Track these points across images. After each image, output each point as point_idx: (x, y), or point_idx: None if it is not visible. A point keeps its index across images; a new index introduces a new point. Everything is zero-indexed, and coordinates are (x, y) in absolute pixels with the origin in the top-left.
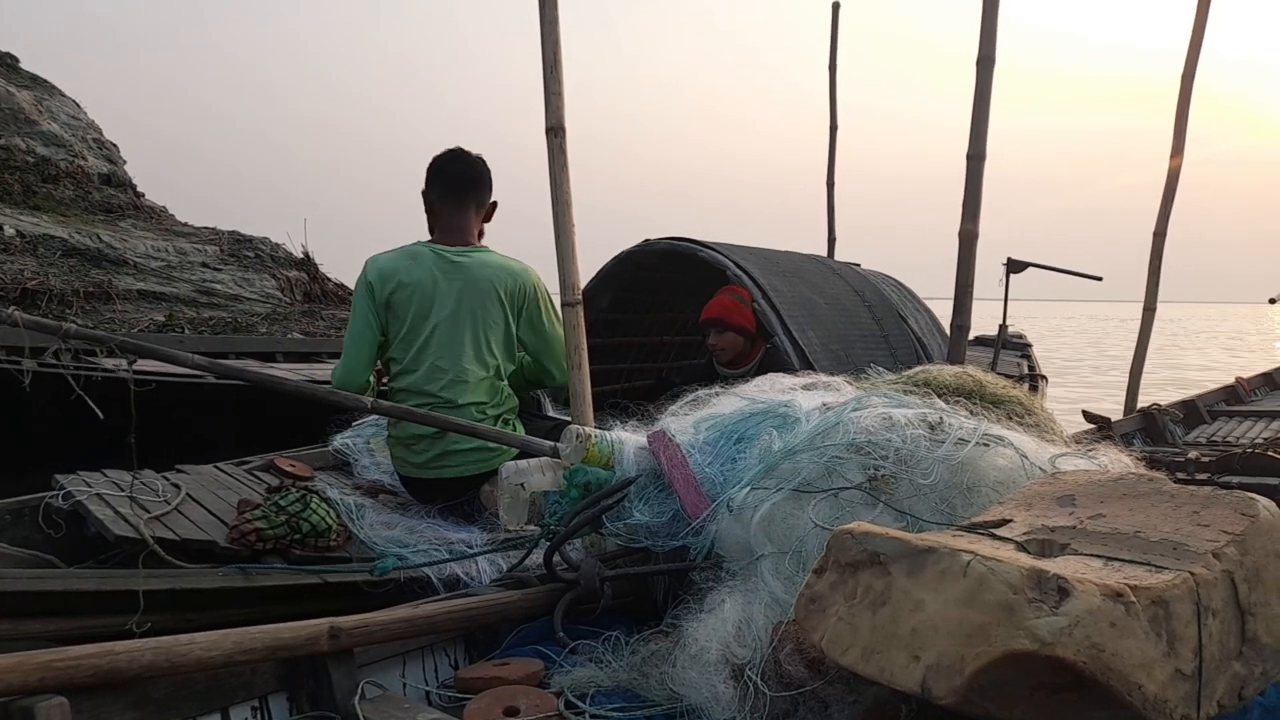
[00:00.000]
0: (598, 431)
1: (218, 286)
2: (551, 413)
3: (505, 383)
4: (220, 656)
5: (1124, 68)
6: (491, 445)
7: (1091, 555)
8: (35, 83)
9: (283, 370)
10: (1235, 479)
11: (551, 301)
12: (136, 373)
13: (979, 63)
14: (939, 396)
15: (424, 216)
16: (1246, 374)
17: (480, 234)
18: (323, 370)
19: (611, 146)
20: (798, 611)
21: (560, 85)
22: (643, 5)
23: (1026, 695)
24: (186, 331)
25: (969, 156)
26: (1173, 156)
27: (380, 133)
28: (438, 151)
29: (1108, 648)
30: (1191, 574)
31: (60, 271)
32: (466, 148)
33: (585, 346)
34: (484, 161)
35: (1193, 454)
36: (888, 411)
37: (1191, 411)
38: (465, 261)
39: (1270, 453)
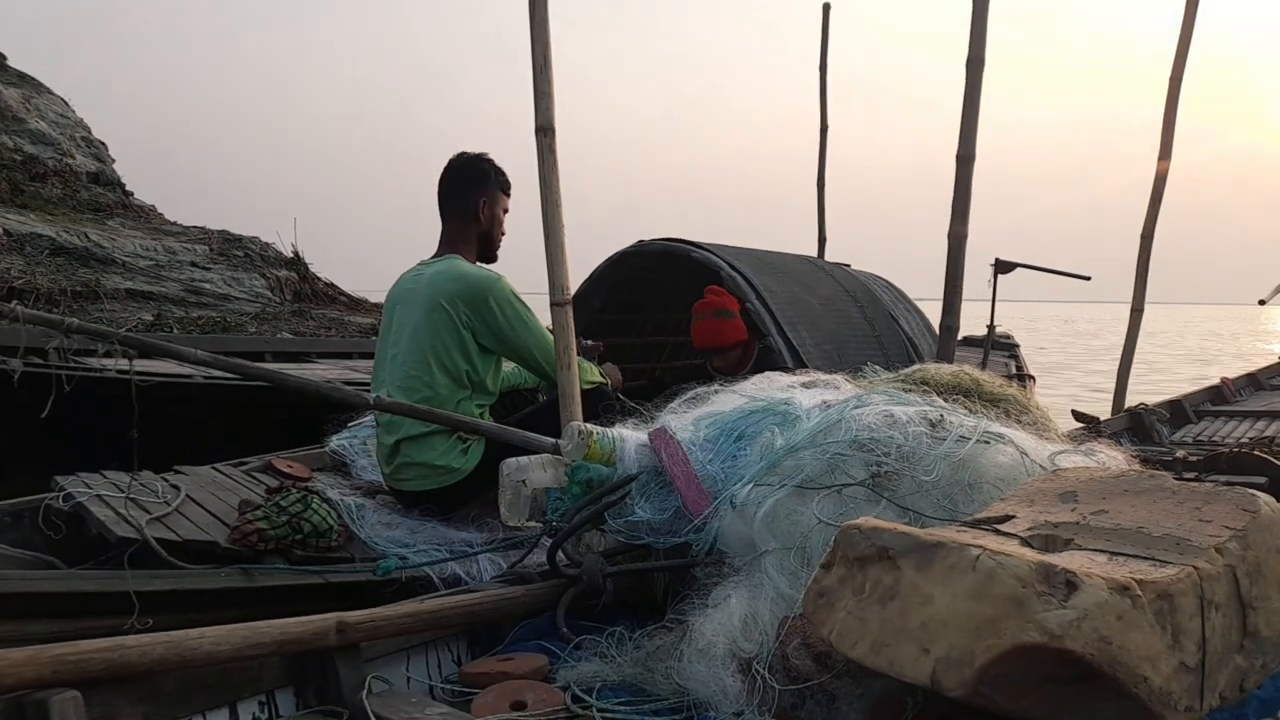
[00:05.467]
0: (599, 428)
1: (207, 286)
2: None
3: (468, 391)
4: (229, 651)
5: (1115, 54)
6: (439, 464)
7: (1095, 550)
8: (23, 80)
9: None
10: (1222, 478)
11: (518, 305)
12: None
13: (968, 64)
14: (937, 394)
15: (416, 220)
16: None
17: (479, 238)
18: (313, 371)
19: (601, 147)
20: (806, 606)
21: (550, 86)
22: (636, 5)
23: (1035, 687)
24: (175, 331)
25: (958, 158)
26: (1160, 160)
27: (372, 131)
28: (429, 150)
29: (1115, 640)
30: (1195, 568)
31: (47, 270)
32: (466, 149)
33: (574, 347)
34: (462, 165)
35: (1180, 453)
36: (889, 409)
37: (1178, 411)
38: (426, 274)
39: (1256, 452)
